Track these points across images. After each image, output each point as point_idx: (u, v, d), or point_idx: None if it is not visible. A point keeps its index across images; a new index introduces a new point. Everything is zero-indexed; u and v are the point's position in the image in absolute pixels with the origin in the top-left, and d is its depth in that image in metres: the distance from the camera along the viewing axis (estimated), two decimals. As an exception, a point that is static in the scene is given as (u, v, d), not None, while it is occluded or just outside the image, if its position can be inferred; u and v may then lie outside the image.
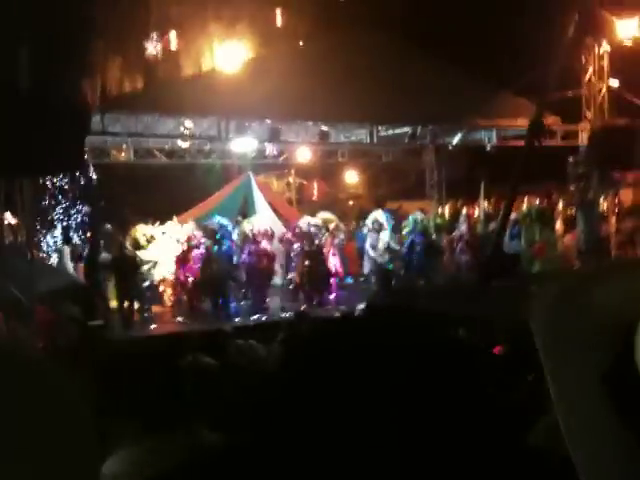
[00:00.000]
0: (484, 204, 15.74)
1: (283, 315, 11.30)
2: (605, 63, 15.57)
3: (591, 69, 15.64)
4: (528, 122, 11.15)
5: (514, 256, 14.02)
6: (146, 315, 11.58)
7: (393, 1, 16.33)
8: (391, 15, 16.13)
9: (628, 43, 15.28)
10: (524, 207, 16.42)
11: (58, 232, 14.19)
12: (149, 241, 11.33)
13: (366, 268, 13.64)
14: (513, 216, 15.07)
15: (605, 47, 15.44)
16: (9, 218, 12.43)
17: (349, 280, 14.24)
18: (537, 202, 16.77)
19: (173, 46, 16.24)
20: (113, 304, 11.50)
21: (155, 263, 11.39)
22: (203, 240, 11.83)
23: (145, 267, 11.26)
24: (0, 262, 9.46)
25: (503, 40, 16.29)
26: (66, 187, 15.23)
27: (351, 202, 21.33)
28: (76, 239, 14.40)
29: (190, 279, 11.78)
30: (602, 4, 14.87)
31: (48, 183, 14.63)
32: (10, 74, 9.78)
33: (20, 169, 9.67)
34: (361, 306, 7.67)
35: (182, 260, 11.73)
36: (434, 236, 13.88)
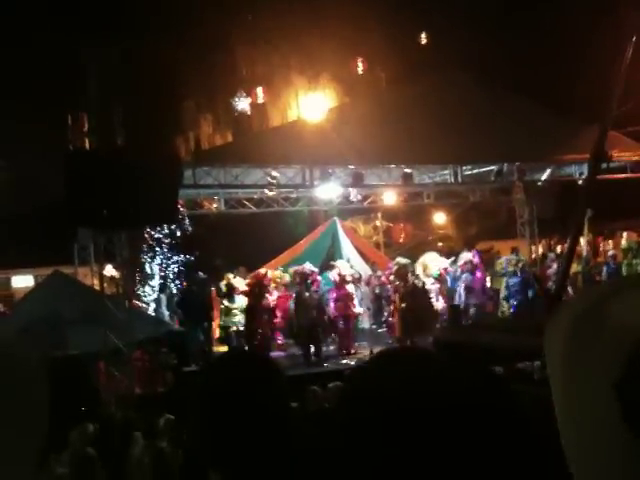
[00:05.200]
0: (585, 241, 14.97)
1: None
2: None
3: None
4: (590, 153, 10.75)
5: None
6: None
7: (475, 41, 16.36)
8: (473, 55, 16.14)
9: None
10: (624, 242, 15.70)
11: (156, 282, 14.85)
12: (231, 290, 11.66)
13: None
14: (611, 252, 14.45)
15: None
16: (110, 270, 13.16)
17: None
18: (636, 237, 15.99)
19: (260, 100, 16.91)
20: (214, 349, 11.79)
21: (240, 310, 11.68)
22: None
23: (233, 313, 11.57)
24: (101, 313, 9.99)
25: (592, 74, 15.90)
26: (163, 239, 15.97)
27: (440, 243, 21.08)
28: (173, 288, 15.01)
29: (277, 325, 11.97)
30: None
31: (146, 235, 15.39)
32: (109, 135, 10.52)
33: (118, 223, 10.28)
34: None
35: (267, 307, 11.93)
36: (528, 275, 13.50)
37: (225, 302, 11.64)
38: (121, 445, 7.23)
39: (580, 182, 14.95)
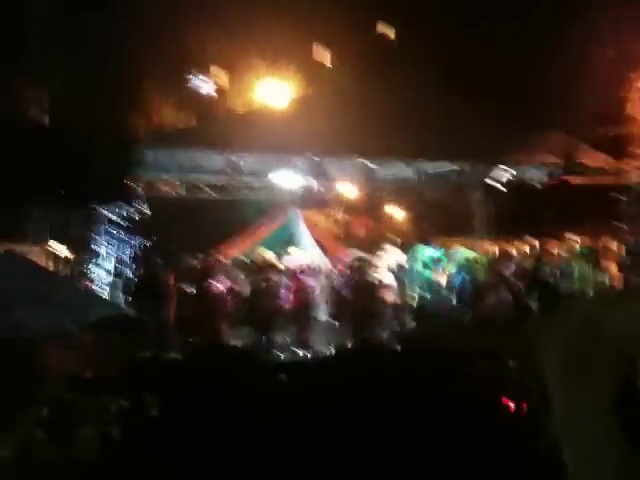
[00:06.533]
0: (537, 243, 15.22)
1: (325, 351, 11.29)
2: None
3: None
4: (563, 159, 11.06)
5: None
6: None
7: (443, 42, 16.49)
8: (441, 56, 16.26)
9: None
10: (577, 247, 16.08)
11: (109, 263, 14.53)
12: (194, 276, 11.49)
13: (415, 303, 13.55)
14: (563, 255, 14.78)
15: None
16: (63, 250, 12.82)
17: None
18: (590, 242, 16.38)
19: (225, 84, 16.70)
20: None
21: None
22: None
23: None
24: (52, 292, 9.70)
25: (553, 80, 16.21)
26: (119, 220, 15.63)
27: (398, 239, 21.23)
28: (128, 272, 14.71)
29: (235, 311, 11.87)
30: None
31: (102, 216, 15.05)
32: (65, 111, 10.23)
33: (70, 200, 10.02)
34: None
35: (218, 294, 11.78)
36: (481, 275, 13.71)
37: (187, 289, 11.46)
38: (70, 429, 7.09)
39: (539, 185, 15.27)
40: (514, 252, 14.51)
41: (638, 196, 14.66)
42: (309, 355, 11.16)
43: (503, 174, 15.15)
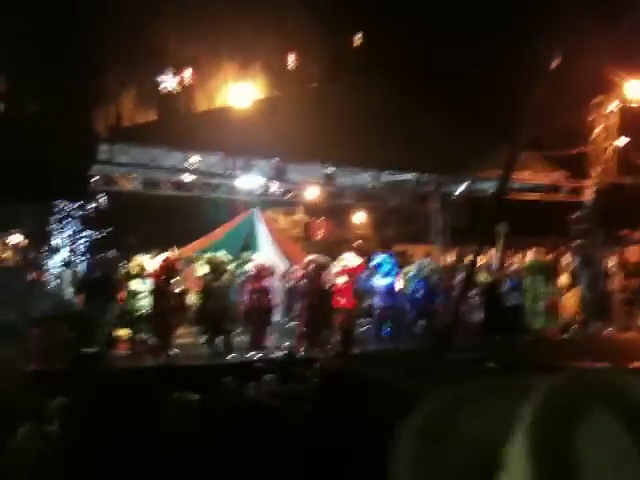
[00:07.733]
0: (498, 254, 15.30)
1: (278, 354, 11.30)
2: (613, 122, 15.71)
3: (599, 127, 15.78)
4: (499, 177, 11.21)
5: (515, 308, 13.95)
6: (140, 346, 11.49)
7: (406, 51, 16.63)
8: (404, 65, 16.41)
9: (637, 103, 15.46)
10: (529, 259, 16.37)
11: (62, 256, 14.31)
12: (141, 272, 11.37)
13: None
14: (514, 267, 15.07)
15: (614, 106, 15.60)
16: (16, 239, 12.58)
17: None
18: (543, 255, 16.70)
19: (187, 82, 16.57)
20: (116, 332, 11.44)
21: (147, 293, 11.40)
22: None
23: (140, 297, 11.30)
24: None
25: (513, 94, 16.46)
26: (74, 212, 15.42)
27: (357, 242, 21.35)
28: (79, 264, 14.51)
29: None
30: (613, 63, 15.07)
31: (56, 207, 14.83)
32: (21, 101, 10.05)
33: (25, 193, 9.85)
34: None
35: (174, 292, 11.71)
36: (436, 283, 13.90)
37: (133, 285, 11.34)
38: (5, 429, 7.00)
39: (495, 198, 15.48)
40: (469, 262, 14.71)
41: (590, 212, 15.02)
42: (259, 356, 11.15)
43: (460, 185, 15.37)
